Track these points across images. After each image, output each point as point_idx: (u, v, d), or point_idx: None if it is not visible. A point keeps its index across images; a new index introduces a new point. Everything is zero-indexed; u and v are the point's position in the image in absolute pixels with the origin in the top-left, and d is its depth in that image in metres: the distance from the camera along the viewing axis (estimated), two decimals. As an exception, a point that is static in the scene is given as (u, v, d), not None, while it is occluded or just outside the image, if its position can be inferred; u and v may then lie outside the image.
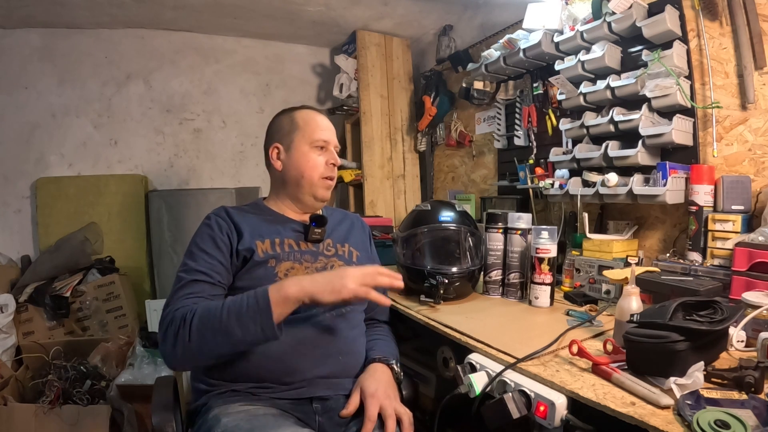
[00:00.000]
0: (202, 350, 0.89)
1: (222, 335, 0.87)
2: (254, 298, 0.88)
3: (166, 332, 0.90)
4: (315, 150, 1.13)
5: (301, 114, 1.16)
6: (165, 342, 0.90)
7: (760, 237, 1.07)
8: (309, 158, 1.12)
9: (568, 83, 1.62)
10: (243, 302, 0.88)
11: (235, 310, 0.88)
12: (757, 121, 1.28)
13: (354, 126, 2.83)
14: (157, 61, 2.67)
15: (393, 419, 0.92)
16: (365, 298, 0.91)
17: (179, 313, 0.90)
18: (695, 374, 0.72)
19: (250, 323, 0.86)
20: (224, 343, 0.88)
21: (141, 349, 1.86)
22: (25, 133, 2.46)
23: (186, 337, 0.88)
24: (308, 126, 1.14)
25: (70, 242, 2.25)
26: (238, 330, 0.87)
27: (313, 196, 1.14)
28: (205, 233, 1.05)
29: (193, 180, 2.80)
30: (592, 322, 1.11)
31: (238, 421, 0.87)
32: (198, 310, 0.90)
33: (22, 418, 1.67)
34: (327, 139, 1.14)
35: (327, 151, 1.14)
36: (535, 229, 1.31)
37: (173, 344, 0.89)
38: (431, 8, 2.36)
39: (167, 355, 0.91)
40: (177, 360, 0.92)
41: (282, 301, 0.87)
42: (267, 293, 0.88)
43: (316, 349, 1.00)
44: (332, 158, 1.15)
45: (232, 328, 0.87)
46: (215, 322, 0.87)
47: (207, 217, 1.10)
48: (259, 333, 0.87)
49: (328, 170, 1.14)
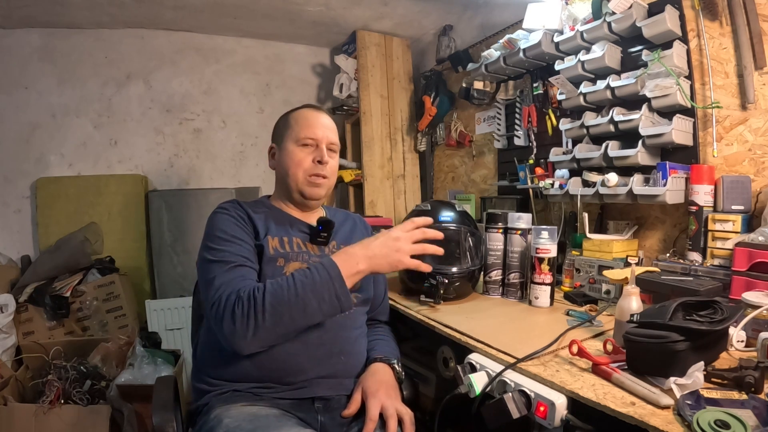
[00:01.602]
0: (277, 326, 0.88)
1: (298, 309, 0.88)
2: (323, 269, 0.91)
3: (234, 314, 0.86)
4: (301, 148, 1.10)
5: (296, 113, 1.16)
6: (235, 323, 0.86)
7: (760, 237, 1.07)
8: (294, 156, 1.10)
9: (568, 83, 1.62)
10: (314, 273, 0.90)
11: (309, 282, 0.89)
12: (757, 121, 1.28)
13: (354, 126, 2.83)
14: (157, 61, 2.67)
15: (394, 419, 0.91)
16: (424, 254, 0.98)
17: (244, 293, 0.88)
18: (695, 374, 0.72)
19: (324, 292, 0.89)
20: (299, 316, 0.89)
21: (141, 349, 1.86)
22: (25, 133, 2.46)
23: (260, 315, 0.86)
24: (298, 124, 1.13)
25: (70, 242, 2.25)
26: (314, 302, 0.89)
27: (301, 194, 1.12)
28: (230, 221, 1.04)
29: (193, 180, 2.80)
30: (592, 322, 1.11)
31: (239, 421, 0.87)
32: (267, 287, 0.89)
33: (22, 418, 1.67)
34: (314, 137, 1.10)
35: (316, 148, 1.11)
36: (535, 229, 1.31)
37: (244, 324, 0.86)
38: (431, 8, 2.36)
39: (239, 336, 0.87)
40: (248, 340, 0.88)
41: (353, 274, 0.93)
42: (336, 265, 0.91)
43: (318, 349, 0.99)
44: (319, 155, 1.10)
45: (308, 300, 0.88)
46: (291, 297, 0.88)
47: (222, 208, 1.08)
48: (335, 303, 0.90)
49: (314, 168, 1.10)
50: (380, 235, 0.97)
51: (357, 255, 0.94)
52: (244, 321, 0.86)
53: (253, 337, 0.87)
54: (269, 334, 0.88)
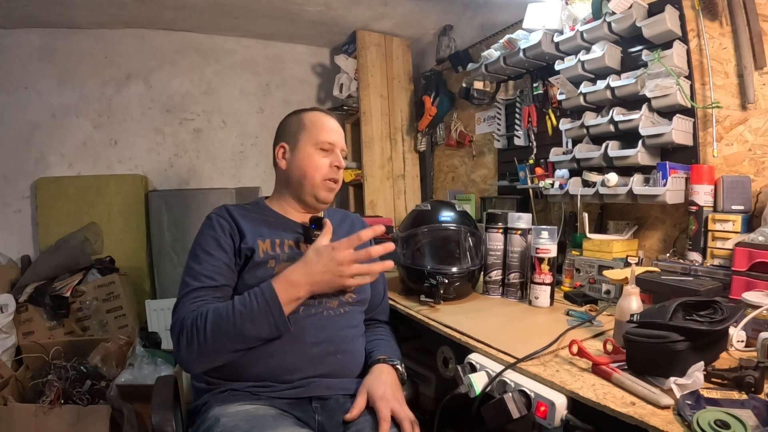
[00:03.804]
0: (218, 352, 0.93)
1: (236, 336, 0.91)
2: (263, 298, 0.92)
3: (179, 339, 0.93)
4: (320, 152, 1.12)
5: (309, 115, 1.16)
6: (180, 349, 0.93)
7: (760, 237, 1.07)
8: (313, 159, 1.11)
9: (568, 83, 1.62)
10: (253, 303, 0.92)
11: (247, 312, 0.91)
12: (757, 121, 1.28)
13: (354, 126, 2.83)
14: (157, 61, 2.67)
15: (408, 422, 0.92)
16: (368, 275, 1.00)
17: (189, 319, 0.93)
18: (695, 374, 0.72)
19: (263, 323, 0.91)
20: (239, 342, 0.92)
21: (141, 349, 1.86)
22: (25, 133, 2.46)
23: (202, 342, 0.91)
24: (315, 127, 1.13)
25: (70, 242, 2.25)
26: (252, 330, 0.91)
27: (315, 197, 1.13)
28: (208, 234, 1.05)
29: (193, 180, 2.80)
30: (592, 322, 1.11)
31: (237, 421, 0.87)
32: (209, 315, 0.92)
33: (22, 418, 1.67)
34: (333, 141, 1.13)
35: (332, 153, 1.13)
36: (535, 229, 1.31)
37: (188, 350, 0.92)
38: (431, 8, 2.36)
39: (184, 361, 0.95)
40: (193, 364, 0.95)
41: (292, 301, 0.94)
42: (275, 292, 0.92)
43: (313, 348, 1.00)
44: (337, 161, 1.13)
45: (246, 329, 0.91)
46: (228, 325, 0.91)
47: (208, 217, 1.10)
48: (273, 330, 0.92)
49: (332, 172, 1.13)
50: (323, 256, 0.95)
51: (298, 283, 0.94)
52: (188, 347, 0.92)
53: (197, 361, 0.94)
54: (212, 358, 0.94)
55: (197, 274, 1.00)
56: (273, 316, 0.91)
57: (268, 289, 0.93)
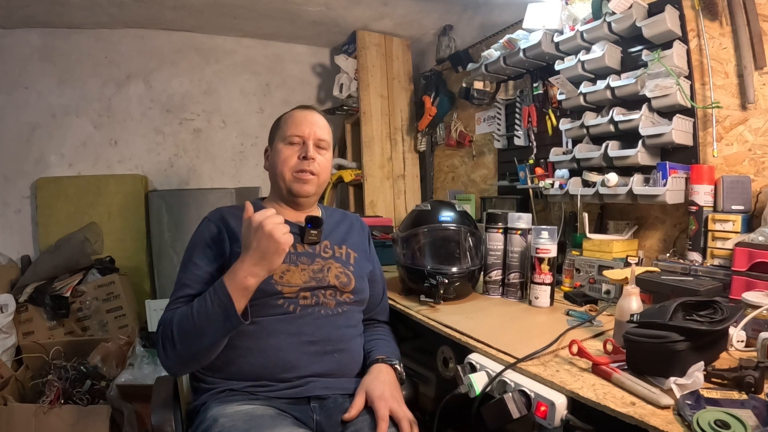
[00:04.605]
0: (189, 353, 0.93)
1: (199, 335, 0.91)
2: (215, 293, 0.91)
3: (159, 347, 0.95)
4: (288, 145, 1.11)
5: (287, 114, 1.17)
6: (160, 355, 0.96)
7: (760, 237, 1.07)
8: (281, 154, 1.11)
9: (568, 83, 1.61)
10: (207, 300, 0.92)
11: (203, 310, 0.91)
12: (757, 121, 1.28)
13: (354, 126, 2.82)
14: (157, 61, 2.67)
15: (407, 421, 0.92)
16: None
17: (162, 326, 0.96)
18: (695, 374, 0.72)
19: (219, 318, 0.90)
20: (202, 340, 0.92)
21: (141, 349, 1.86)
22: (25, 133, 2.46)
23: (171, 345, 0.92)
24: (286, 123, 1.14)
25: (70, 242, 2.25)
26: (210, 327, 0.91)
27: (289, 192, 1.12)
28: (196, 241, 1.07)
29: (193, 180, 2.80)
30: (592, 322, 1.11)
31: (235, 421, 0.87)
32: (174, 318, 0.94)
33: (22, 418, 1.67)
34: (300, 134, 1.10)
35: (303, 145, 1.11)
36: (535, 229, 1.31)
37: (165, 356, 0.94)
38: (431, 8, 2.35)
39: (165, 366, 0.97)
40: (175, 368, 0.98)
41: (243, 289, 0.90)
42: (226, 289, 0.90)
43: (309, 347, 1.00)
44: (304, 151, 1.10)
45: (205, 327, 0.91)
46: (189, 326, 0.92)
47: (202, 222, 1.11)
48: (229, 325, 0.91)
49: (300, 164, 1.09)
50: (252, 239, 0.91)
51: (239, 269, 0.90)
52: (165, 353, 0.94)
53: (177, 365, 0.96)
54: (188, 360, 0.95)
55: (180, 284, 1.03)
56: (225, 308, 0.89)
57: (218, 284, 0.92)
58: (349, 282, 1.10)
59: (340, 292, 1.08)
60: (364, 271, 1.17)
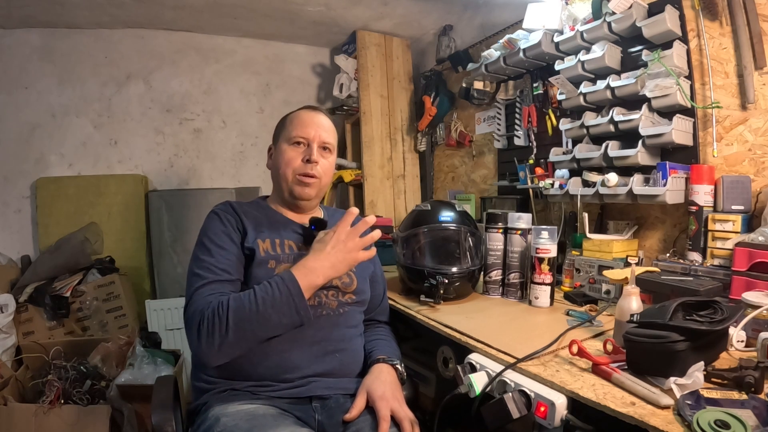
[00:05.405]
0: (240, 341, 0.92)
1: (258, 324, 0.91)
2: (284, 285, 0.93)
3: (199, 330, 0.91)
4: (292, 146, 1.11)
5: (293, 114, 1.17)
6: (199, 340, 0.91)
7: (760, 237, 1.07)
8: (284, 155, 1.11)
9: (568, 83, 1.62)
10: (274, 290, 0.92)
11: (269, 299, 0.92)
12: (757, 121, 1.28)
13: (354, 126, 2.82)
14: (157, 61, 2.67)
15: (408, 421, 0.92)
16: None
17: (209, 309, 0.92)
18: (695, 374, 0.72)
19: (285, 309, 0.92)
20: (261, 330, 0.92)
21: (141, 349, 1.86)
22: (25, 133, 2.46)
23: (223, 331, 0.90)
24: (291, 123, 1.14)
25: (70, 242, 2.24)
26: (275, 317, 0.92)
27: (291, 194, 1.12)
28: (218, 228, 1.05)
29: (193, 180, 2.80)
30: (592, 322, 1.11)
31: (237, 420, 0.87)
32: (230, 303, 0.92)
33: (22, 418, 1.67)
34: (305, 136, 1.10)
35: (308, 147, 1.11)
36: (535, 229, 1.31)
37: (208, 342, 0.90)
38: (431, 8, 2.35)
39: (204, 351, 0.92)
40: (214, 356, 0.93)
41: (312, 287, 0.96)
42: (295, 278, 0.93)
43: (311, 347, 1.00)
44: (308, 154, 1.10)
45: (269, 316, 0.91)
46: (251, 313, 0.91)
47: (214, 212, 1.09)
48: (296, 318, 0.93)
49: (304, 167, 1.10)
50: (327, 241, 0.98)
51: (315, 268, 0.96)
52: (209, 338, 0.90)
53: (219, 352, 0.92)
54: (233, 348, 0.92)
55: (211, 267, 0.99)
56: (295, 302, 0.92)
57: (288, 276, 0.94)
58: (351, 283, 1.10)
59: (342, 292, 1.08)
60: (366, 272, 1.17)
